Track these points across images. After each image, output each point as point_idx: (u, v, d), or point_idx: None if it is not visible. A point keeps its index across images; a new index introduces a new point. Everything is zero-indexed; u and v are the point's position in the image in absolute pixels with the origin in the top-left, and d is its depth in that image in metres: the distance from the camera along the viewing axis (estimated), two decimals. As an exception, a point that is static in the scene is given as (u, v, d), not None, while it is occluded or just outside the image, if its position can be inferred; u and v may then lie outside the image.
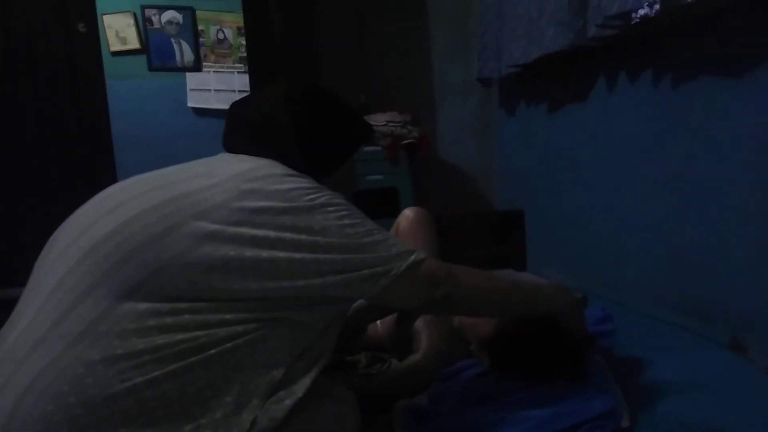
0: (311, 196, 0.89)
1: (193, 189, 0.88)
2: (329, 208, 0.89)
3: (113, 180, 0.99)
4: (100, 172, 2.18)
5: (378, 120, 2.58)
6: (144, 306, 0.79)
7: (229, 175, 0.90)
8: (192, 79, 3.45)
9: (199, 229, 0.82)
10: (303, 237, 0.85)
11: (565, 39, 2.04)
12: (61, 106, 2.37)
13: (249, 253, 0.82)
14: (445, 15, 3.11)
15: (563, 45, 2.05)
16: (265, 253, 0.83)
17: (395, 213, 2.64)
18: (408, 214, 1.71)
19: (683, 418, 1.15)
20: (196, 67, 3.45)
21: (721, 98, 1.59)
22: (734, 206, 1.57)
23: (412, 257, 0.91)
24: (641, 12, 1.66)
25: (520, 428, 1.08)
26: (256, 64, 2.69)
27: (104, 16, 3.28)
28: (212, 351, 0.80)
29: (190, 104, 3.45)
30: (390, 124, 2.57)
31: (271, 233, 0.84)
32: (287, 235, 0.85)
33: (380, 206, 2.63)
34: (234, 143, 1.05)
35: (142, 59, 3.40)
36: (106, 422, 0.74)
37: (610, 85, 2.09)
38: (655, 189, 1.88)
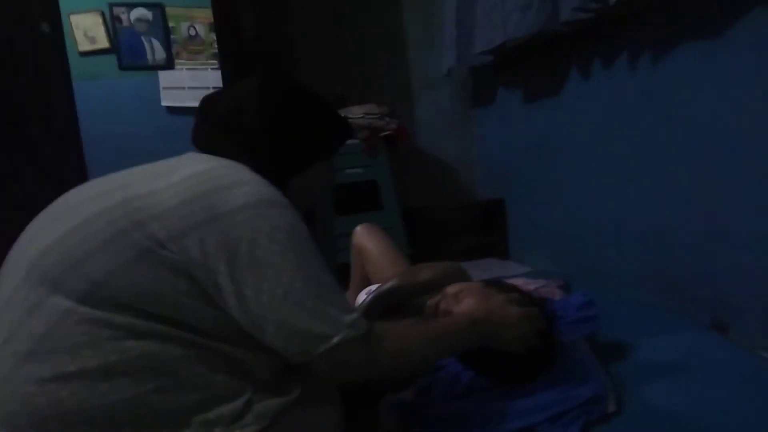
0: (257, 224, 0.81)
1: (141, 193, 0.83)
2: (278, 235, 0.81)
3: (84, 182, 0.95)
4: (70, 176, 2.13)
5: (355, 112, 2.55)
6: (96, 315, 0.75)
7: (181, 177, 0.85)
8: (165, 77, 3.39)
9: (138, 242, 0.78)
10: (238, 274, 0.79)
11: (533, 24, 2.03)
12: (27, 108, 2.31)
13: (182, 281, 0.78)
14: (420, 6, 3.09)
15: (529, 30, 2.04)
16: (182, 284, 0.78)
17: (376, 207, 2.64)
18: (359, 231, 1.73)
19: (669, 400, 1.15)
20: (169, 64, 3.39)
21: (696, 80, 1.60)
22: (714, 189, 1.58)
23: (335, 340, 0.80)
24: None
25: (507, 419, 1.07)
26: (229, 59, 2.64)
27: (71, 16, 3.20)
28: (170, 376, 0.76)
29: (163, 103, 3.40)
30: (368, 116, 2.55)
31: (203, 260, 0.79)
32: (222, 261, 0.79)
33: (361, 200, 2.61)
34: (201, 140, 1.00)
35: (112, 59, 3.34)
36: None
37: (585, 70, 2.09)
38: (634, 173, 1.89)
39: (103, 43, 3.29)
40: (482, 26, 2.43)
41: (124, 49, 3.30)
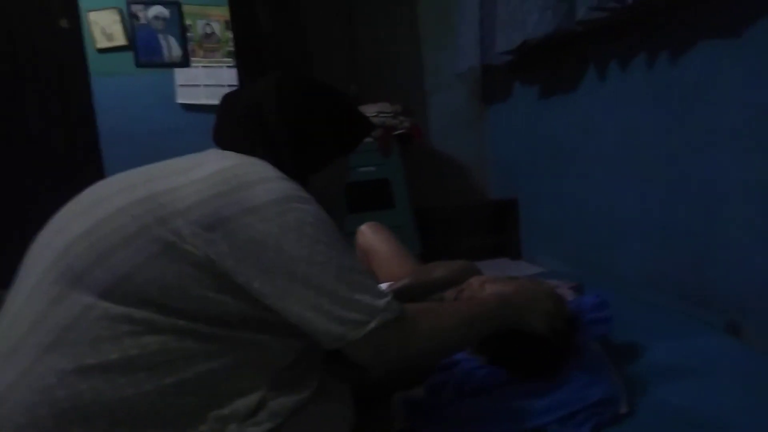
0: (285, 219, 0.82)
1: (165, 188, 0.84)
2: (306, 229, 0.83)
3: (101, 178, 0.96)
4: (88, 170, 2.16)
5: (369, 111, 2.56)
6: (117, 310, 0.76)
7: (205, 174, 0.86)
8: (180, 74, 3.41)
9: (161, 237, 0.79)
10: (266, 263, 0.80)
11: (550, 24, 2.02)
12: (46, 103, 2.34)
13: (207, 274, 0.79)
14: (435, 5, 3.09)
15: (547, 30, 2.03)
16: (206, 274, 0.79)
17: (388, 205, 2.65)
18: (364, 230, 1.71)
19: (681, 402, 1.15)
20: (184, 62, 3.41)
21: (711, 83, 1.59)
22: (727, 191, 1.56)
23: (373, 324, 0.81)
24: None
25: (518, 418, 1.07)
26: (245, 57, 2.66)
27: (90, 13, 3.24)
28: (188, 371, 0.77)
29: (179, 100, 3.42)
30: (381, 115, 2.55)
31: (229, 254, 0.80)
32: (249, 257, 0.80)
33: (373, 198, 2.62)
34: (222, 138, 1.01)
35: (129, 56, 3.37)
36: None
37: (601, 71, 2.08)
38: (648, 175, 1.88)
39: (121, 40, 3.32)
40: (503, 26, 2.43)
41: (141, 47, 3.33)
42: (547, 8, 2.03)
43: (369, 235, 1.71)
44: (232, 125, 1.00)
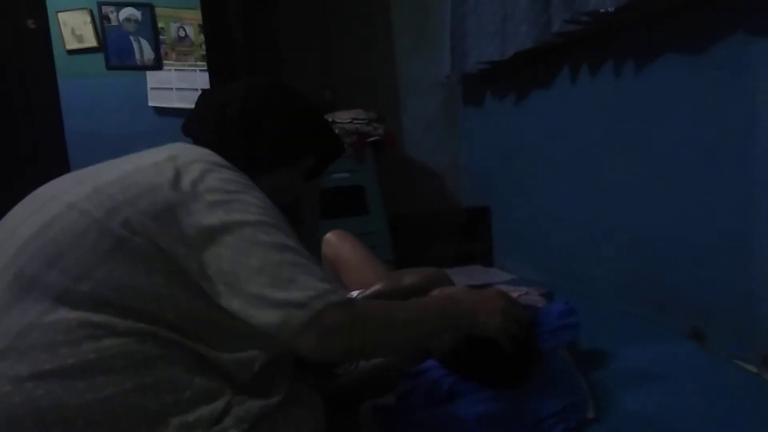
0: (231, 204, 0.82)
1: (111, 179, 0.83)
2: (251, 211, 0.82)
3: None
4: (54, 173, 2.11)
5: (343, 117, 2.56)
6: (74, 315, 0.74)
7: (153, 161, 0.86)
8: (152, 77, 3.37)
9: (112, 231, 0.78)
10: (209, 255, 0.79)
11: (534, 35, 2.06)
12: (10, 105, 2.28)
13: (158, 267, 0.78)
14: (409, 12, 3.11)
15: (533, 42, 2.07)
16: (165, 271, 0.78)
17: (362, 211, 2.65)
18: (330, 238, 1.71)
19: (646, 408, 1.17)
20: (157, 65, 3.38)
21: (677, 91, 1.63)
22: (693, 199, 1.60)
23: (317, 306, 0.78)
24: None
25: (487, 425, 1.08)
26: (217, 61, 2.64)
27: (59, 14, 3.18)
28: (148, 376, 0.76)
29: (151, 103, 3.38)
30: (355, 122, 2.55)
31: (179, 241, 0.79)
32: (198, 243, 0.79)
33: (347, 205, 2.62)
34: (187, 126, 1.05)
35: (100, 57, 3.31)
36: None
37: (571, 80, 2.12)
38: (616, 183, 1.91)
39: (91, 41, 3.27)
40: (482, 36, 2.46)
41: (112, 49, 3.29)
42: (530, 20, 2.06)
43: (335, 243, 1.70)
44: (197, 117, 1.03)
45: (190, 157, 0.88)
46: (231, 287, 0.79)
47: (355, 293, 1.44)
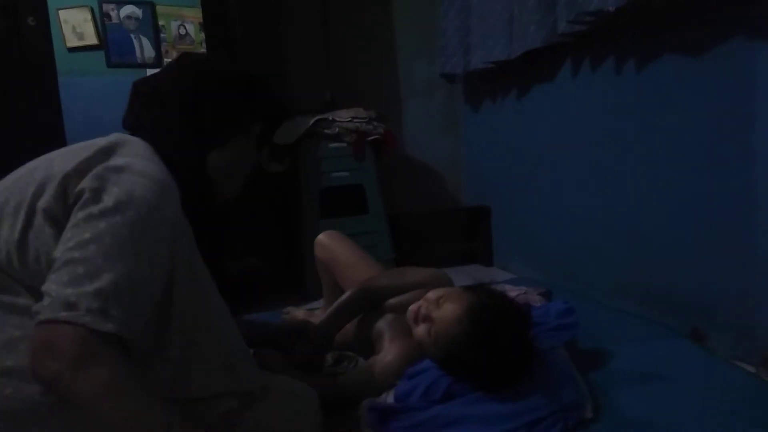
0: (130, 188, 0.78)
1: (41, 164, 0.84)
2: (118, 213, 0.76)
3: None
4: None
5: (343, 116, 2.55)
6: (21, 302, 0.75)
7: (80, 146, 0.86)
8: (153, 75, 3.38)
9: (32, 209, 0.78)
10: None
11: (542, 35, 2.05)
12: (12, 103, 2.28)
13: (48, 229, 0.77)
14: (410, 11, 3.11)
15: (541, 42, 2.07)
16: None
17: (362, 211, 2.65)
18: (322, 240, 1.70)
19: (645, 408, 1.17)
20: (157, 63, 3.38)
21: (677, 91, 1.62)
22: (693, 199, 1.60)
23: (63, 314, 0.69)
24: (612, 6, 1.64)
25: (486, 424, 1.08)
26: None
27: (60, 11, 3.18)
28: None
29: (151, 101, 3.38)
30: (355, 120, 2.55)
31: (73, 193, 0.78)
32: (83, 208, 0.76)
33: (346, 204, 2.61)
34: (125, 118, 1.02)
35: (100, 55, 3.32)
36: None
37: (571, 80, 2.11)
38: (616, 183, 1.91)
39: (92, 39, 3.28)
40: (490, 36, 2.45)
41: (113, 46, 3.29)
42: (538, 21, 2.06)
43: (328, 244, 1.69)
44: (135, 105, 1.01)
45: (114, 141, 0.87)
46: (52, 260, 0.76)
47: (349, 292, 1.44)
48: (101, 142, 0.86)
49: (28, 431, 0.72)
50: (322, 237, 1.71)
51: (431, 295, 1.25)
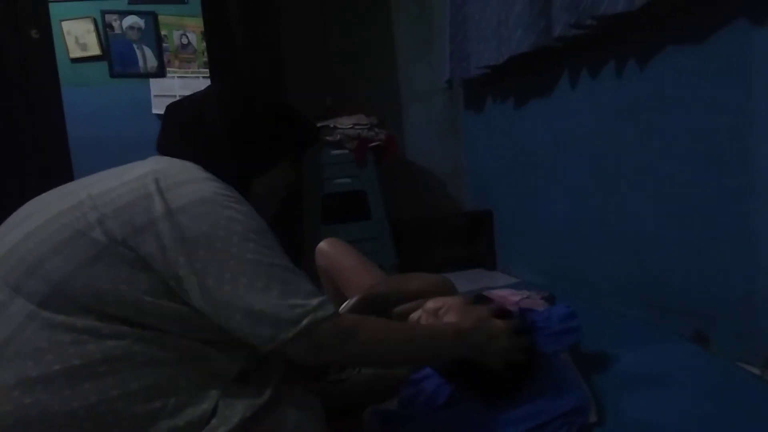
0: (214, 217, 0.83)
1: (99, 191, 0.84)
2: (235, 227, 0.83)
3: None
4: (58, 181, 2.13)
5: (344, 123, 2.57)
6: (58, 319, 0.75)
7: (136, 176, 0.86)
8: (156, 85, 3.40)
9: (94, 241, 0.79)
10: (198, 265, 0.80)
11: (530, 39, 2.06)
12: (16, 114, 2.30)
13: (141, 276, 0.79)
14: (410, 18, 3.12)
15: (529, 46, 2.07)
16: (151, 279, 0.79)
17: (364, 216, 2.66)
18: (323, 247, 1.68)
19: (650, 411, 1.17)
20: (160, 72, 3.40)
21: (677, 93, 1.63)
22: (694, 202, 1.60)
23: (304, 322, 0.81)
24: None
25: (489, 429, 1.08)
26: (220, 69, 2.65)
27: (63, 22, 3.21)
28: (134, 382, 0.77)
29: (155, 111, 3.40)
30: (356, 127, 2.56)
31: (161, 255, 0.80)
32: (180, 257, 0.80)
33: (349, 210, 2.62)
34: (163, 144, 1.02)
35: (104, 66, 3.34)
36: None
37: (571, 83, 2.12)
38: (617, 186, 1.91)
39: (95, 50, 3.30)
40: (485, 41, 2.47)
41: (116, 57, 3.32)
42: (525, 25, 2.06)
43: (329, 251, 1.68)
44: (174, 132, 1.01)
45: (174, 171, 0.89)
46: (218, 304, 0.80)
47: (353, 300, 1.44)
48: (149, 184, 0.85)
49: None
50: (322, 245, 1.71)
51: (430, 305, 1.24)
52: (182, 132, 0.99)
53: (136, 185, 0.84)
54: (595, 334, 1.49)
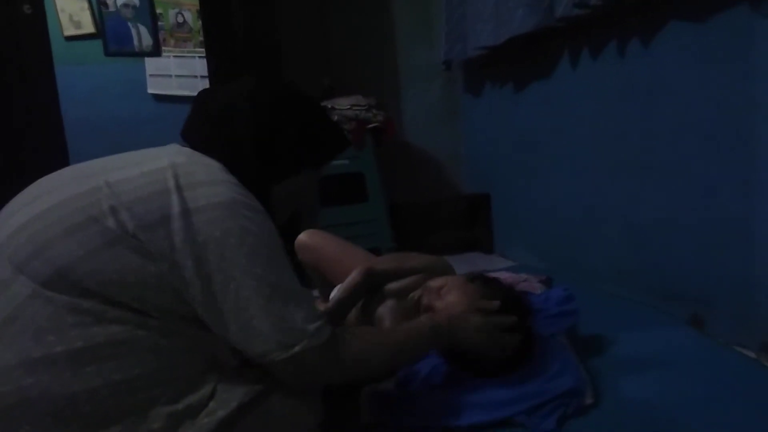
0: (227, 224, 0.81)
1: (118, 179, 0.82)
2: (247, 239, 0.82)
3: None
4: (52, 162, 2.11)
5: (342, 104, 2.54)
6: (62, 300, 0.74)
7: (156, 168, 0.84)
8: (151, 64, 3.36)
9: (106, 230, 0.78)
10: (209, 269, 0.79)
11: (533, 20, 2.03)
12: (9, 92, 2.27)
13: (149, 270, 0.78)
14: (409, -3, 3.08)
15: (532, 26, 2.04)
16: (164, 270, 0.78)
17: (362, 199, 2.64)
18: (303, 241, 1.64)
19: (645, 393, 1.17)
20: (155, 51, 3.36)
21: (678, 76, 1.61)
22: (693, 185, 1.60)
23: (297, 348, 0.81)
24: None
25: (486, 410, 1.08)
26: (216, 48, 2.62)
27: (56, -1, 3.16)
28: (136, 367, 0.76)
29: (150, 90, 3.36)
30: (354, 108, 2.54)
31: (169, 254, 0.79)
32: (189, 259, 0.79)
33: (346, 192, 2.61)
34: (189, 132, 0.99)
35: (98, 44, 3.30)
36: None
37: (571, 65, 2.10)
38: (616, 170, 1.91)
39: (89, 27, 3.26)
40: (483, 21, 2.43)
41: (111, 35, 3.27)
42: (527, 4, 2.03)
43: (309, 244, 1.62)
44: (202, 122, 0.98)
45: (195, 168, 0.87)
46: (216, 312, 0.80)
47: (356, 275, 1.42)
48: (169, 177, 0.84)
49: (42, 421, 0.72)
50: (302, 237, 1.64)
51: (432, 284, 1.24)
52: (210, 126, 0.96)
53: (155, 177, 0.83)
54: (592, 317, 1.50)
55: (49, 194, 0.83)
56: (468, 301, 1.15)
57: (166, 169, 0.84)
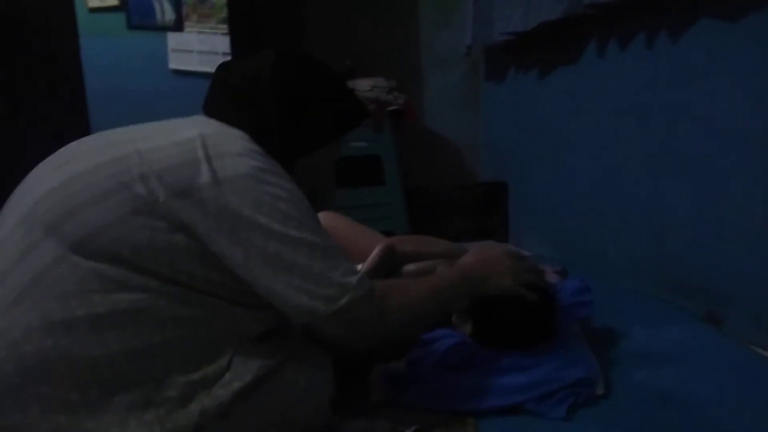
0: (258, 192, 0.83)
1: (149, 147, 0.83)
2: (279, 205, 0.84)
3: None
4: (73, 131, 2.12)
5: (363, 85, 2.53)
6: (88, 265, 0.75)
7: (185, 138, 0.85)
8: (173, 39, 3.36)
9: (137, 197, 0.78)
10: (243, 233, 0.81)
11: (562, 5, 2.00)
12: (34, 62, 2.28)
13: (179, 237, 0.79)
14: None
15: (561, 13, 2.01)
16: (190, 241, 0.80)
17: (378, 182, 2.64)
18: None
19: (657, 387, 1.17)
20: (178, 26, 3.36)
21: (707, 69, 1.58)
22: (717, 182, 1.57)
23: (344, 300, 0.84)
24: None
25: (496, 395, 1.08)
26: (239, 25, 2.61)
27: (81, -30, 3.16)
28: (156, 335, 0.77)
29: (171, 65, 3.37)
30: (375, 90, 2.52)
31: (202, 221, 0.80)
32: (222, 227, 0.80)
33: (362, 174, 2.60)
34: (211, 106, 0.99)
35: (121, 16, 3.31)
36: (41, 395, 0.72)
37: (597, 54, 2.07)
38: (638, 163, 1.88)
39: (113, 0, 3.26)
40: (512, 6, 2.39)
41: (134, 8, 3.28)
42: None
43: (322, 222, 1.65)
44: (224, 95, 0.98)
45: (222, 138, 0.88)
46: (259, 276, 0.82)
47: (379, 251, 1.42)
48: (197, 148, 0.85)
49: (61, 383, 0.73)
50: (320, 216, 1.67)
51: (441, 268, 1.25)
52: (232, 99, 0.96)
53: (185, 148, 0.84)
54: (607, 309, 1.49)
55: (78, 160, 0.84)
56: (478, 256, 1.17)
57: (195, 140, 0.85)
